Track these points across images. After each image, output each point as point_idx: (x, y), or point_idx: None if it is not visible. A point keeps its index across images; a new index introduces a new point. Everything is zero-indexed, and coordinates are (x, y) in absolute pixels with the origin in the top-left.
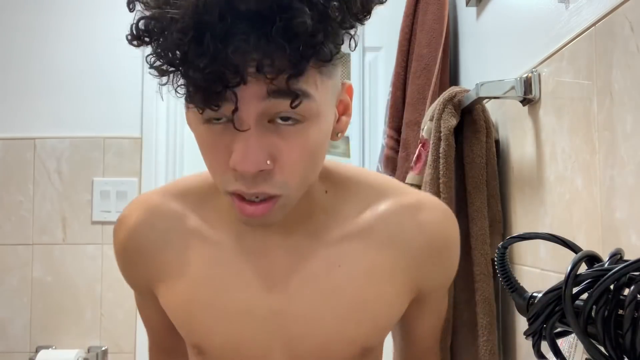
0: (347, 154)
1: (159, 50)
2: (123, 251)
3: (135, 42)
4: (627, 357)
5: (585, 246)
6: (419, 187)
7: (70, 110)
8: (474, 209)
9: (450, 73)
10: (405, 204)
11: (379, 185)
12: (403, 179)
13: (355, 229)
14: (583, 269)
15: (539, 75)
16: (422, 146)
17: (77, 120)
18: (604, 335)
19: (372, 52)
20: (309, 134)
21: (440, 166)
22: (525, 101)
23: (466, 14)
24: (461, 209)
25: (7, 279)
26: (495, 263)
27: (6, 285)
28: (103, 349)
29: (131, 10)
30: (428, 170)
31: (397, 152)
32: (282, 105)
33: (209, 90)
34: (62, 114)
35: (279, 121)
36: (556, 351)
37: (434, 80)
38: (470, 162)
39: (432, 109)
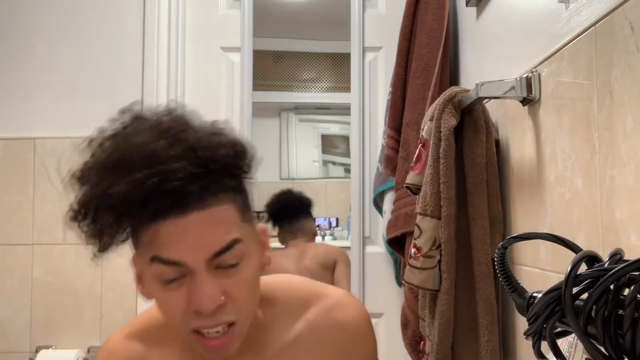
0: (347, 154)
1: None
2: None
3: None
4: (627, 357)
5: (585, 246)
6: (419, 187)
7: (70, 110)
8: (474, 208)
9: (450, 73)
10: (327, 308)
11: (302, 295)
12: (403, 179)
13: (289, 340)
14: (583, 269)
15: (539, 75)
16: (422, 146)
17: (77, 120)
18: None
19: (372, 52)
20: (246, 270)
21: (440, 166)
22: (525, 101)
23: (466, 14)
24: (461, 209)
25: (7, 279)
26: (495, 263)
27: (6, 285)
28: None
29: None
30: (428, 170)
31: (397, 152)
32: (224, 257)
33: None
34: (62, 114)
35: (222, 268)
36: (556, 351)
37: (434, 80)
38: (470, 162)
39: (432, 109)
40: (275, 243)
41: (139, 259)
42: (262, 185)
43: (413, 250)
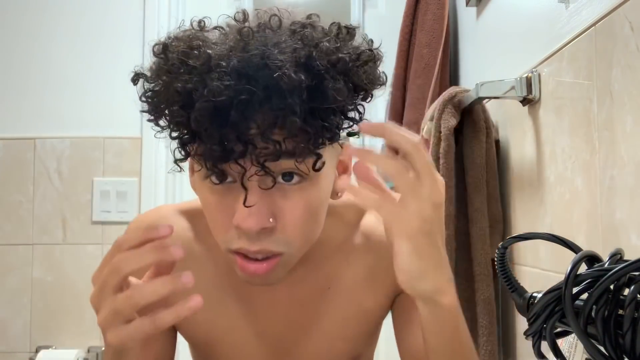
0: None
1: (175, 119)
2: None
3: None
4: (627, 357)
5: (585, 246)
6: None
7: (70, 110)
8: (474, 209)
9: (450, 73)
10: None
11: (358, 204)
12: None
13: (342, 251)
14: (583, 269)
15: (539, 75)
16: None
17: (77, 120)
18: (604, 335)
19: None
20: (310, 192)
21: (440, 166)
22: (525, 101)
23: (466, 14)
24: (461, 209)
25: (7, 279)
26: (495, 263)
27: (6, 285)
28: (103, 349)
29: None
30: None
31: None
32: (288, 162)
33: (223, 159)
34: (62, 114)
35: (281, 180)
36: (556, 351)
37: (434, 80)
38: (470, 162)
39: (432, 109)
40: None
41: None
42: None
43: None
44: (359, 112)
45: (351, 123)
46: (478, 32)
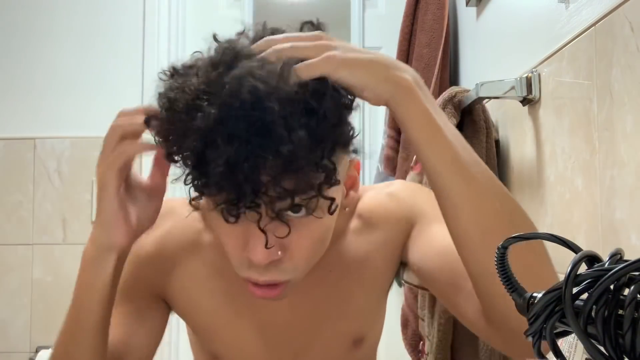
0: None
1: (189, 176)
2: (146, 251)
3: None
4: (627, 357)
5: (585, 246)
6: None
7: (70, 110)
8: None
9: (450, 73)
10: (376, 191)
11: (366, 187)
12: (403, 179)
13: (344, 233)
14: (583, 269)
15: (539, 75)
16: None
17: (77, 120)
18: (604, 335)
19: None
20: (319, 222)
21: None
22: (525, 101)
23: (466, 14)
24: None
25: (7, 279)
26: (496, 263)
27: (6, 285)
28: None
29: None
30: None
31: (397, 152)
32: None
33: (239, 208)
34: (62, 114)
35: (290, 213)
36: (556, 351)
37: (434, 80)
38: None
39: None
40: None
41: None
42: None
43: None
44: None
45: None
46: (478, 32)
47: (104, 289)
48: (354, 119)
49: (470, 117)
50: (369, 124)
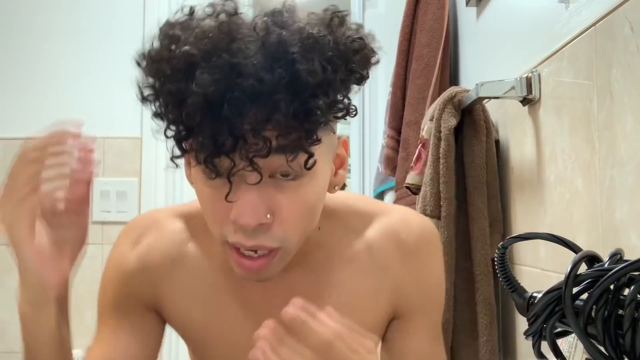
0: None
1: (171, 118)
2: (130, 267)
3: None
4: (627, 357)
5: (585, 246)
6: (419, 187)
7: (70, 110)
8: (474, 209)
9: (450, 73)
10: (389, 225)
11: (364, 212)
12: (403, 179)
13: (344, 258)
14: (583, 269)
15: (539, 75)
16: (422, 146)
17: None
18: (604, 335)
19: None
20: (307, 187)
21: (440, 166)
22: (525, 101)
23: (466, 14)
24: (461, 209)
25: (7, 279)
26: (495, 263)
27: (6, 285)
28: None
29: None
30: (428, 170)
31: (397, 152)
32: (279, 160)
33: (215, 153)
34: (62, 114)
35: (279, 176)
36: (556, 351)
37: (434, 80)
38: (470, 162)
39: (432, 109)
40: None
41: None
42: None
43: None
44: (347, 96)
45: (342, 107)
46: (478, 32)
47: (52, 339)
48: (354, 119)
49: (470, 117)
50: (369, 124)
